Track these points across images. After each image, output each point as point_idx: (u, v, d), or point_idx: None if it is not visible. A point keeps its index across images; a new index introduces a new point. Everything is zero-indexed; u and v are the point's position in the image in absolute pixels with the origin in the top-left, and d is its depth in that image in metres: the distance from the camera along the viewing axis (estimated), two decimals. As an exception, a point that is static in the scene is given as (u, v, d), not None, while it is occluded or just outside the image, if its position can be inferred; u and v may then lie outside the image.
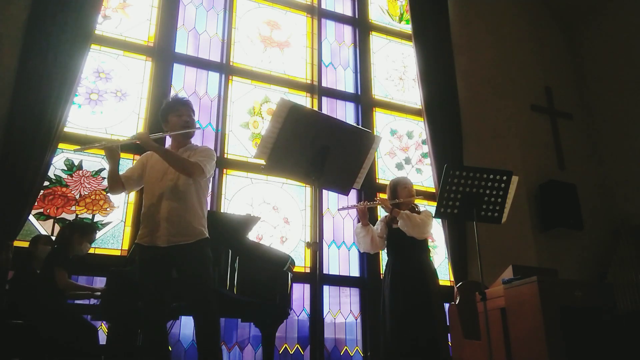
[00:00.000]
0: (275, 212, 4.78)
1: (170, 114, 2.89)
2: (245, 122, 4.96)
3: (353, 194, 5.06)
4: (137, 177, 2.87)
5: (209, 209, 3.49)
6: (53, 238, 3.67)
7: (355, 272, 4.92)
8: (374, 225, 3.74)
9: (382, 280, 3.60)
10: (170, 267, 2.71)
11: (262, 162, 2.56)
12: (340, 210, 4.26)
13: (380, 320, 3.53)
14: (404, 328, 3.28)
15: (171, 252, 2.66)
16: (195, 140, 3.01)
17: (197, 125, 2.99)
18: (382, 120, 5.60)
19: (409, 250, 3.49)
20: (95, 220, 4.11)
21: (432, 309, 3.31)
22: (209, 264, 2.73)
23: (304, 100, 5.29)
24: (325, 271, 4.77)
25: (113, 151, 2.72)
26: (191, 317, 3.84)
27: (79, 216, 4.06)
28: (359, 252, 4.98)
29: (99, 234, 3.96)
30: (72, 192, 4.12)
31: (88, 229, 3.66)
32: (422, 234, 3.47)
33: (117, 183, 2.78)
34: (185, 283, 2.67)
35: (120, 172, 2.83)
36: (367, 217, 3.65)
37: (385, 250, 3.67)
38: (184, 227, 2.69)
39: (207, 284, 2.68)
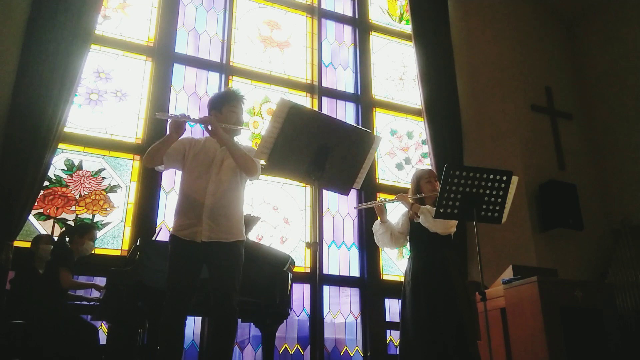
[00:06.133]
0: (275, 212, 4.78)
1: (225, 106, 2.79)
2: (245, 122, 4.95)
3: (353, 194, 5.06)
4: (175, 159, 2.73)
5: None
6: (54, 238, 3.67)
7: (355, 272, 4.92)
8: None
9: (404, 276, 3.39)
10: (202, 263, 2.62)
11: (262, 162, 2.57)
12: (357, 208, 4.15)
13: (400, 320, 3.31)
14: (429, 333, 3.06)
15: (208, 248, 2.58)
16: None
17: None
18: (382, 120, 5.60)
19: (432, 245, 3.26)
20: (95, 220, 4.11)
21: (458, 311, 3.08)
22: (241, 265, 2.65)
23: (304, 100, 5.29)
24: (325, 271, 4.77)
25: (179, 125, 2.60)
26: (190, 317, 3.85)
27: (78, 216, 4.07)
28: (359, 252, 4.99)
29: (98, 234, 3.96)
30: (72, 192, 4.13)
31: (86, 228, 3.66)
32: (445, 229, 3.25)
33: (160, 154, 2.64)
34: (215, 279, 2.59)
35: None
36: (385, 213, 3.49)
37: (408, 246, 3.47)
38: (225, 224, 2.62)
39: (236, 284, 2.59)
